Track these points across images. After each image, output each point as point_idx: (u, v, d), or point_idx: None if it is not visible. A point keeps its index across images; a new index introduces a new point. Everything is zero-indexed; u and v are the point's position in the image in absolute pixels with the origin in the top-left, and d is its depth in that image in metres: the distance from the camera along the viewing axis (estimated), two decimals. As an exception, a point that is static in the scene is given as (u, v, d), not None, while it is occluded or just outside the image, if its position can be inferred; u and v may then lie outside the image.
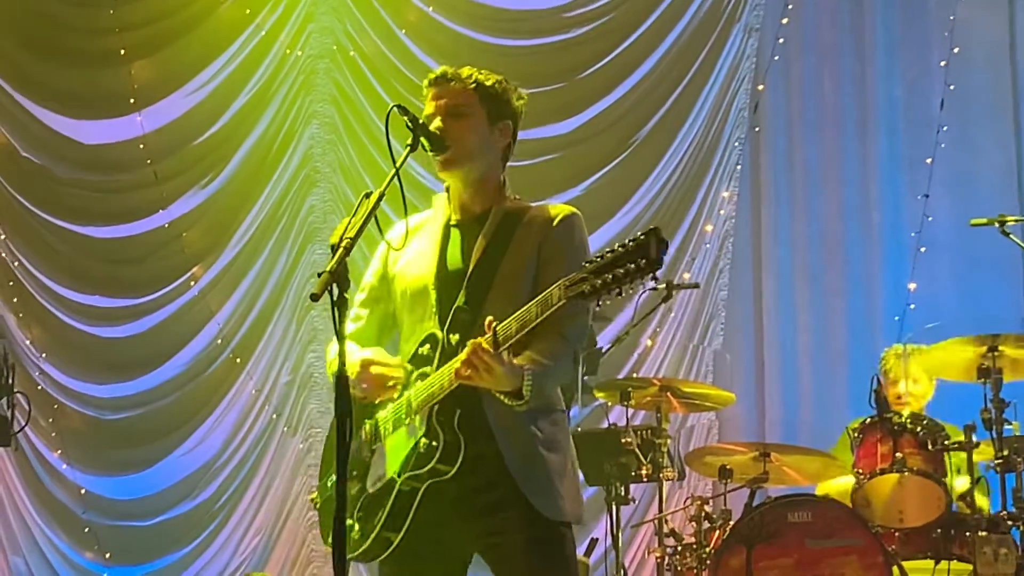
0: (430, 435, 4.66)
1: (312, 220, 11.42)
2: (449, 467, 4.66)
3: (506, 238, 4.97)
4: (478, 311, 4.81)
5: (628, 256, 4.27)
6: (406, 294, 5.01)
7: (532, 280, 4.86)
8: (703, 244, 10.94)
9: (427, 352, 4.83)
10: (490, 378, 4.51)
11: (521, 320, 4.48)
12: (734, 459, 8.43)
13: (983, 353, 8.20)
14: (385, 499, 4.78)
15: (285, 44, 11.51)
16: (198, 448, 11.34)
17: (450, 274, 4.94)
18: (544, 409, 4.84)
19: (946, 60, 10.76)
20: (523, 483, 4.76)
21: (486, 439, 4.75)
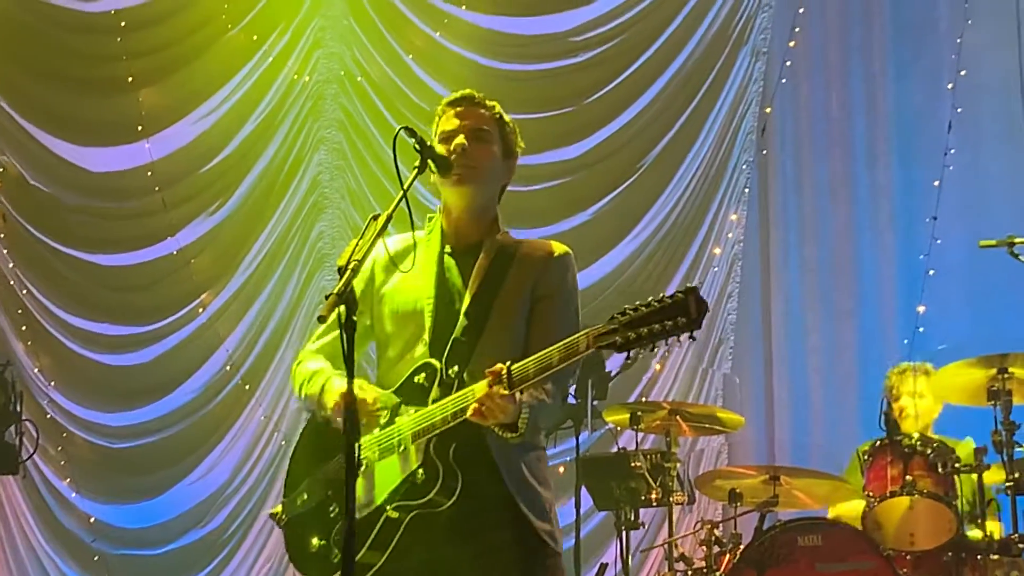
0: (427, 468, 4.64)
1: (321, 246, 11.43)
2: (446, 499, 4.64)
3: (502, 271, 4.96)
4: (475, 342, 4.81)
5: (665, 313, 4.26)
6: (396, 315, 4.97)
7: (527, 314, 4.89)
8: (712, 267, 10.98)
9: (422, 381, 4.79)
10: (502, 417, 4.49)
11: (540, 364, 4.45)
12: (744, 483, 8.44)
13: (992, 375, 8.22)
14: (371, 525, 4.72)
15: (293, 70, 11.49)
16: (208, 476, 11.31)
17: (447, 302, 4.92)
18: (531, 446, 4.85)
19: (953, 83, 10.77)
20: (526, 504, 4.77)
21: (486, 468, 4.73)
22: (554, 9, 11.46)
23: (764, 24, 11.18)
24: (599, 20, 11.34)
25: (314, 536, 4.84)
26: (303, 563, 4.90)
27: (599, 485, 8.78)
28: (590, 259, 10.42)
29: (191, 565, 11.15)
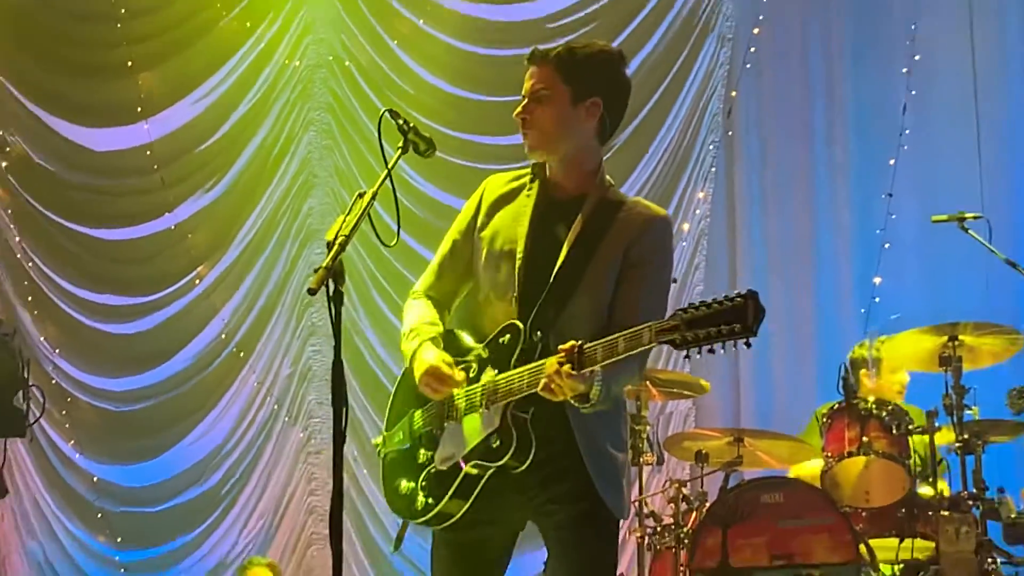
0: (503, 433, 4.55)
1: (310, 222, 11.51)
2: (520, 463, 4.59)
3: (599, 232, 4.79)
4: (562, 309, 4.69)
5: (724, 317, 4.14)
6: (491, 260, 4.87)
7: (615, 281, 4.75)
8: (680, 242, 10.98)
9: (507, 342, 4.69)
10: (571, 393, 4.40)
11: (607, 351, 4.31)
12: (710, 444, 8.54)
13: (944, 343, 8.30)
14: (452, 478, 4.72)
15: (284, 55, 11.58)
16: (204, 437, 11.40)
17: (539, 257, 4.78)
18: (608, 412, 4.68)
19: (908, 68, 10.87)
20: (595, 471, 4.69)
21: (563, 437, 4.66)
22: (530, -6, 11.51)
23: (729, 12, 11.24)
24: (574, 7, 11.42)
25: (404, 478, 4.87)
26: (392, 500, 4.93)
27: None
28: None
29: (189, 521, 11.25)
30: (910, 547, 8.19)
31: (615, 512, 4.70)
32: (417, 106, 10.49)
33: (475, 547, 4.87)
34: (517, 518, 4.88)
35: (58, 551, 11.29)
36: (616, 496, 4.69)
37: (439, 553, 4.92)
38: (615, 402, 4.72)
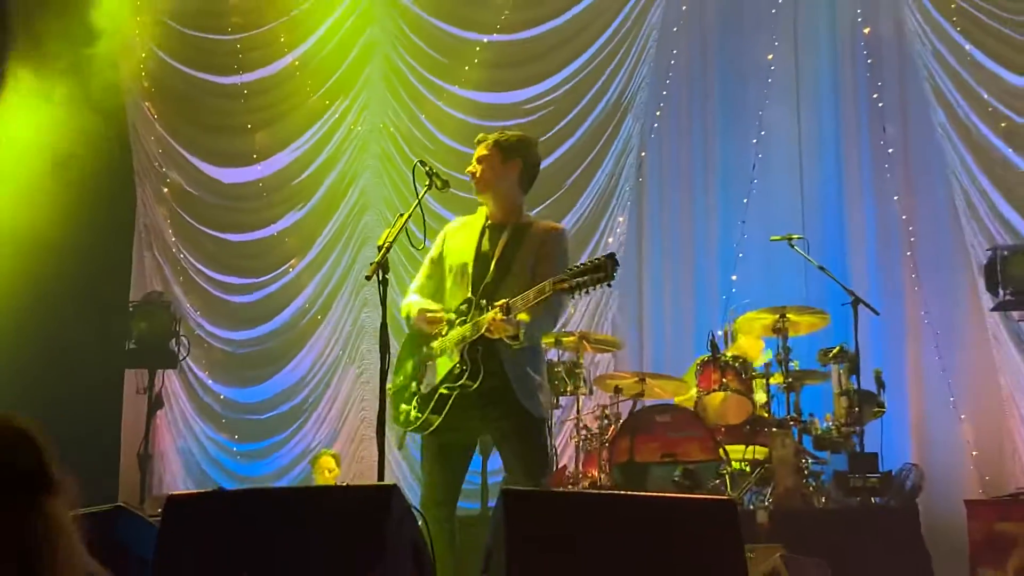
0: (463, 363, 4.93)
1: (366, 232, 11.44)
2: (472, 383, 4.91)
3: (518, 241, 5.12)
4: (500, 284, 5.03)
5: (595, 270, 4.58)
6: (453, 268, 5.19)
7: (533, 268, 5.04)
8: (607, 250, 10.49)
9: (465, 308, 5.05)
10: (503, 333, 4.74)
11: (525, 299, 4.73)
12: (623, 382, 8.64)
13: (776, 318, 8.40)
14: (431, 397, 5.00)
15: (351, 122, 11.57)
16: (294, 371, 11.42)
17: (482, 259, 5.13)
18: (531, 347, 5.00)
19: (756, 139, 10.84)
20: (519, 391, 4.96)
21: (497, 364, 4.94)
22: (511, 88, 11.48)
23: (641, 99, 11.17)
24: (539, 96, 11.37)
25: (403, 403, 5.14)
26: (396, 417, 5.18)
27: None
28: None
29: (283, 425, 11.31)
30: (752, 451, 8.29)
31: (535, 414, 4.98)
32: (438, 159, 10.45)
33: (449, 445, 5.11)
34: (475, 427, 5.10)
35: (196, 444, 11.35)
36: (535, 404, 4.99)
37: (425, 451, 5.18)
38: (534, 343, 5.03)
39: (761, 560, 5.83)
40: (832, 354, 8.25)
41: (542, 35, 11.48)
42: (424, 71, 11.51)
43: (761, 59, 10.98)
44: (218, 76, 11.66)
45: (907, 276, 10.34)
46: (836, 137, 10.89)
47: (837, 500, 7.95)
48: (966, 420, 9.86)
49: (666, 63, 11.19)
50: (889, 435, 8.55)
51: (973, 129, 10.25)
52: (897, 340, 10.15)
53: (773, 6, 10.96)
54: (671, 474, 7.71)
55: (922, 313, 10.15)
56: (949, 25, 10.42)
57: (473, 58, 11.37)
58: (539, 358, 5.14)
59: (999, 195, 10.11)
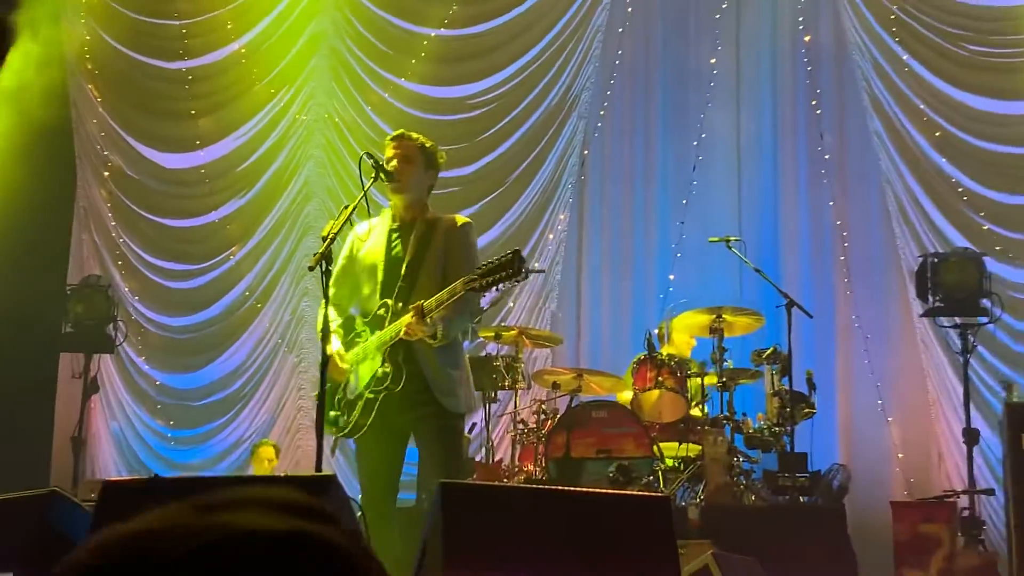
0: (384, 367, 4.90)
1: (308, 221, 11.38)
2: (396, 386, 4.92)
3: (428, 238, 5.11)
4: (413, 286, 5.01)
5: (504, 267, 4.56)
6: (364, 271, 5.14)
7: (443, 265, 5.04)
8: (547, 246, 11.00)
9: (383, 313, 5.04)
10: (420, 335, 4.75)
11: (438, 300, 4.74)
12: (561, 377, 8.68)
13: (713, 319, 8.43)
14: (358, 402, 5.00)
15: (295, 111, 11.49)
16: (231, 358, 11.35)
17: (393, 261, 5.09)
18: (449, 345, 5.00)
19: (697, 142, 10.88)
20: (437, 389, 4.97)
21: (417, 365, 4.94)
22: (457, 83, 11.47)
23: (586, 99, 11.21)
24: (485, 91, 11.37)
25: (331, 410, 5.10)
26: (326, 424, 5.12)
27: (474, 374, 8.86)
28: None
29: (219, 413, 11.22)
30: (685, 449, 8.33)
31: (454, 411, 5.03)
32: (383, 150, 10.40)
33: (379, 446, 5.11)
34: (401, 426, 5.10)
35: (129, 430, 11.24)
36: (454, 402, 5.02)
37: (359, 453, 5.23)
38: (454, 340, 5.03)
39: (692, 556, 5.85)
40: (765, 355, 8.30)
41: (489, 31, 11.49)
42: (371, 63, 11.46)
43: (704, 63, 11.05)
44: (163, 61, 11.53)
45: (839, 280, 10.46)
46: (774, 142, 10.97)
47: (766, 498, 8.00)
48: (893, 423, 10.00)
49: (611, 64, 11.23)
50: (818, 436, 8.66)
51: (908, 138, 10.39)
52: (828, 343, 10.27)
53: (717, 11, 11.04)
54: (606, 470, 7.72)
55: (853, 317, 10.27)
56: (887, 35, 10.56)
57: (420, 51, 11.34)
58: (458, 355, 5.16)
59: (931, 203, 10.26)
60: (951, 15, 10.43)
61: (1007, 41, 10.25)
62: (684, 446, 8.33)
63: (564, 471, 7.85)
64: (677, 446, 8.34)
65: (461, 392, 5.09)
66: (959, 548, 7.56)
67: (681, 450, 8.33)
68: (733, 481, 7.92)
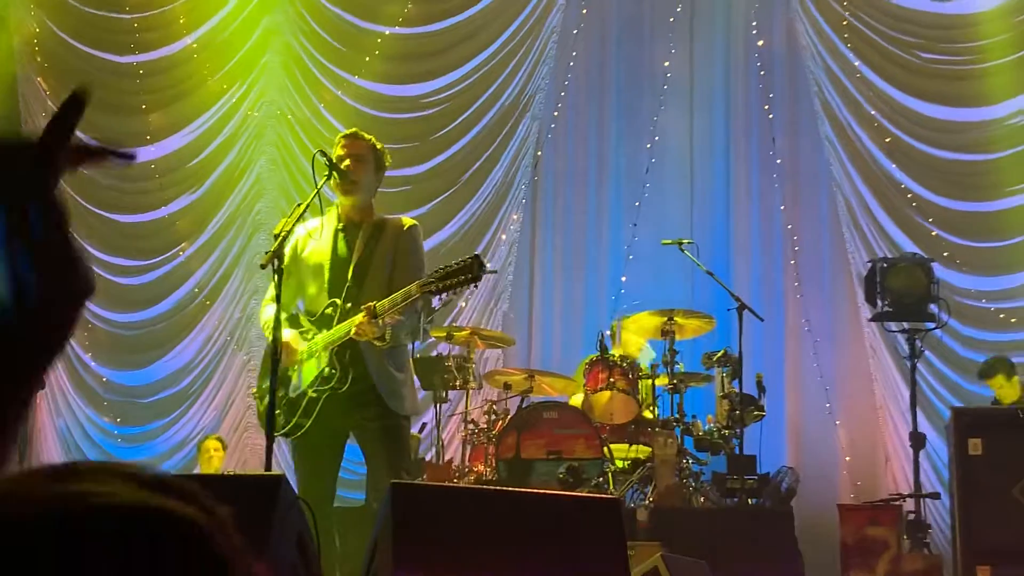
0: (331, 365, 4.91)
1: (259, 218, 11.29)
2: (342, 386, 4.91)
3: (376, 239, 5.11)
4: (361, 287, 5.01)
5: (461, 271, 4.56)
6: (309, 270, 5.12)
7: (391, 267, 5.04)
8: (500, 247, 10.99)
9: (331, 312, 5.03)
10: (370, 336, 4.72)
11: (392, 302, 4.71)
12: (513, 378, 8.68)
13: (664, 321, 8.44)
14: (300, 401, 4.98)
15: (247, 108, 11.39)
16: (180, 355, 11.25)
17: (340, 261, 5.08)
18: (396, 347, 5.01)
19: (650, 144, 10.91)
20: (383, 391, 4.97)
21: (363, 366, 4.93)
22: (411, 81, 11.44)
23: (540, 99, 11.22)
24: (438, 90, 11.34)
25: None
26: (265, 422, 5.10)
27: (425, 374, 8.87)
28: (426, 236, 10.25)
29: (167, 410, 11.12)
30: (636, 451, 8.34)
31: (399, 412, 5.01)
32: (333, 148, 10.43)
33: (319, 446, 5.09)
34: (343, 426, 5.09)
35: (75, 426, 11.12)
36: (399, 403, 5.01)
37: (296, 452, 5.20)
38: (399, 343, 5.02)
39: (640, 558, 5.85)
40: (716, 357, 8.33)
41: (443, 30, 11.45)
42: (324, 60, 11.39)
43: (658, 66, 11.09)
44: (114, 55, 11.41)
45: (789, 284, 10.53)
46: (727, 146, 11.04)
47: (715, 500, 8.03)
48: (841, 426, 10.09)
49: (565, 65, 11.25)
50: (767, 438, 8.68)
51: (859, 143, 10.49)
52: (778, 346, 10.34)
53: (671, 15, 11.08)
54: (556, 471, 7.70)
55: (803, 321, 10.35)
56: (840, 41, 10.65)
57: (374, 49, 11.29)
58: (403, 357, 5.17)
59: (881, 208, 10.36)
60: (903, 22, 10.53)
61: (958, 49, 10.38)
62: (634, 448, 8.34)
63: (514, 472, 7.83)
64: (627, 448, 8.35)
65: (406, 393, 5.10)
66: (904, 551, 7.62)
67: (631, 452, 8.34)
68: (682, 483, 7.93)
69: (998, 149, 10.18)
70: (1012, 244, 10.05)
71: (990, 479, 6.88)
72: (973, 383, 9.50)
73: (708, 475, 8.36)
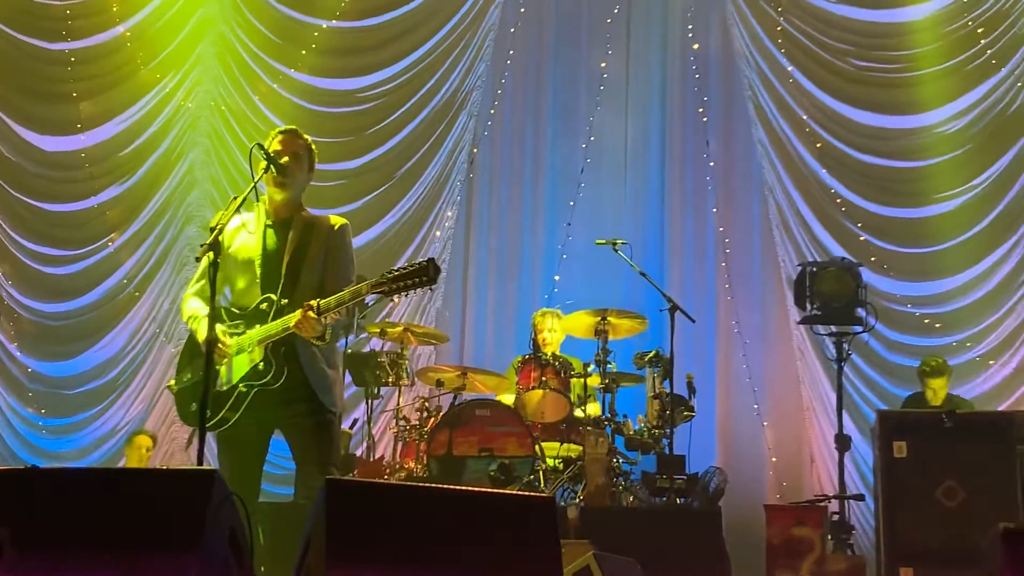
0: (266, 361, 4.91)
1: (191, 210, 11.19)
2: (276, 381, 4.90)
3: (307, 236, 5.10)
4: (296, 283, 5.00)
5: (416, 274, 4.58)
6: (238, 265, 5.08)
7: (323, 264, 5.06)
8: (434, 244, 10.97)
9: (265, 308, 4.98)
10: (312, 332, 4.69)
11: (338, 300, 4.74)
12: (446, 375, 8.67)
13: (598, 320, 8.48)
14: (228, 395, 4.95)
15: (181, 98, 11.28)
16: (108, 347, 11.11)
17: (271, 257, 5.06)
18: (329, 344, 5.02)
19: (586, 144, 10.96)
20: (316, 387, 4.97)
21: (296, 361, 4.93)
22: (347, 75, 11.37)
23: (476, 97, 11.21)
24: (374, 85, 11.30)
25: (192, 402, 4.99)
26: (185, 416, 5.16)
27: (357, 370, 8.87)
28: (360, 231, 10.39)
29: (93, 402, 10.99)
30: (567, 449, 8.37)
31: (331, 408, 5.02)
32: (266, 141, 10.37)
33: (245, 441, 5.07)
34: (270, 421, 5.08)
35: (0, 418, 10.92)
36: (328, 396, 5.02)
37: (222, 446, 5.15)
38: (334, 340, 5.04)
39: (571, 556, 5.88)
40: (648, 358, 8.40)
41: (381, 25, 11.42)
42: (260, 51, 11.30)
43: (595, 66, 11.14)
44: (45, 41, 11.23)
45: (721, 286, 10.63)
46: (662, 148, 11.09)
47: (644, 500, 8.07)
48: (768, 427, 10.20)
49: (502, 63, 11.26)
50: (697, 438, 8.73)
51: (791, 148, 10.61)
52: (709, 347, 10.43)
53: (608, 15, 11.13)
54: (487, 468, 7.74)
55: (733, 322, 10.45)
56: (774, 47, 10.76)
57: (311, 43, 11.23)
58: (335, 354, 5.22)
59: (811, 213, 10.49)
60: (837, 30, 10.66)
61: (889, 57, 10.53)
62: (565, 446, 8.37)
63: (446, 469, 7.84)
64: (559, 446, 8.37)
65: (336, 390, 5.14)
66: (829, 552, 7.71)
67: (563, 450, 8.36)
68: (612, 482, 7.98)
69: (927, 157, 10.34)
70: (938, 250, 10.20)
71: (914, 482, 6.99)
72: (898, 386, 9.66)
73: (638, 474, 8.39)
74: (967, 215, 10.19)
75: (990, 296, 10.04)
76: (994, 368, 9.88)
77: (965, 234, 10.15)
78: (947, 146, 10.29)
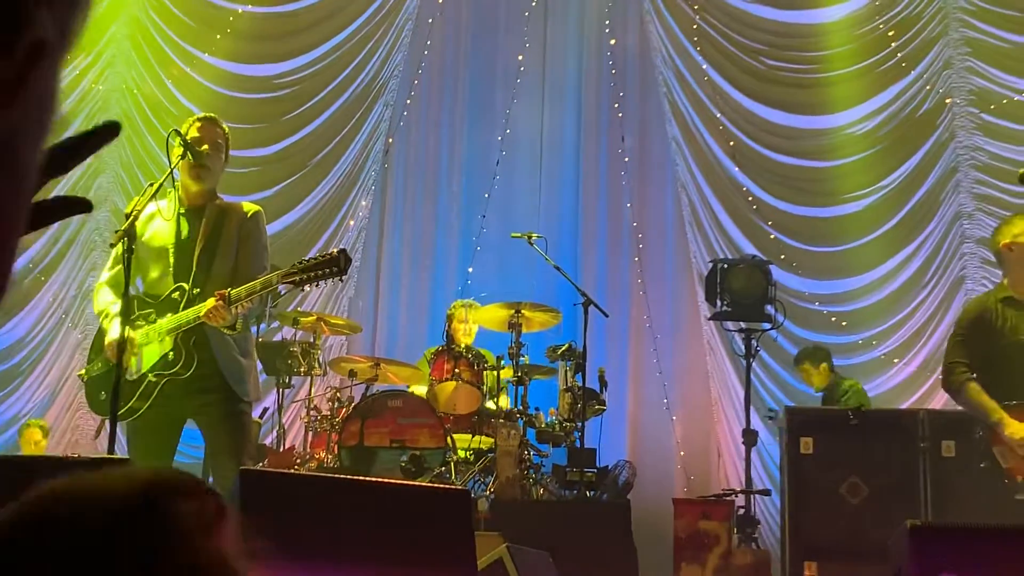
0: (176, 350, 4.89)
1: (99, 195, 10.96)
2: (186, 371, 4.89)
3: (220, 224, 5.07)
4: (208, 272, 4.98)
5: (327, 264, 4.61)
6: (151, 254, 5.04)
7: (235, 252, 5.04)
8: (347, 233, 10.96)
9: (177, 297, 4.96)
10: (222, 321, 4.67)
11: (249, 291, 4.73)
12: (358, 365, 8.64)
13: (512, 313, 8.50)
14: (138, 385, 4.91)
15: (91, 80, 11.10)
16: (11, 332, 10.89)
17: (184, 245, 5.03)
18: (241, 333, 5.04)
19: (501, 136, 11.02)
20: (228, 375, 4.95)
21: (208, 351, 4.91)
22: (263, 61, 11.29)
23: (393, 86, 11.21)
24: (290, 72, 11.24)
25: (102, 391, 4.96)
26: (95, 406, 5.11)
27: (268, 359, 8.80)
28: (274, 219, 10.27)
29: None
30: (479, 441, 8.40)
31: (244, 397, 5.01)
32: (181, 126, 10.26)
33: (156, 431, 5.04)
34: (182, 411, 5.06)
35: None
36: (241, 386, 5.01)
37: (132, 436, 5.14)
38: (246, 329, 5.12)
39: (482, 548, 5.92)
40: (561, 351, 8.45)
41: (298, 11, 11.37)
42: (173, 34, 11.17)
43: (511, 59, 11.19)
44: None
45: (634, 281, 10.74)
46: (577, 142, 11.18)
47: (554, 492, 8.13)
48: (677, 422, 10.34)
49: (420, 53, 11.26)
50: (608, 432, 8.86)
51: (704, 145, 10.75)
52: (621, 341, 10.54)
53: (526, 8, 11.18)
54: (398, 459, 7.72)
55: (645, 317, 10.56)
56: (689, 44, 10.90)
57: (226, 27, 11.13)
58: (248, 343, 5.19)
59: (723, 210, 10.64)
60: (751, 29, 10.82)
61: (802, 57, 10.71)
62: (477, 438, 8.40)
63: (357, 459, 7.82)
64: (470, 438, 8.40)
65: (250, 379, 5.11)
66: (734, 546, 7.84)
67: (474, 442, 8.39)
68: (523, 474, 8.01)
69: (836, 157, 10.55)
70: (846, 249, 10.42)
71: (819, 477, 7.13)
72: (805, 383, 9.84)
73: (548, 467, 8.45)
74: (875, 215, 10.40)
75: (895, 295, 10.27)
76: (898, 366, 10.10)
77: (872, 234, 10.36)
78: (857, 147, 10.50)
